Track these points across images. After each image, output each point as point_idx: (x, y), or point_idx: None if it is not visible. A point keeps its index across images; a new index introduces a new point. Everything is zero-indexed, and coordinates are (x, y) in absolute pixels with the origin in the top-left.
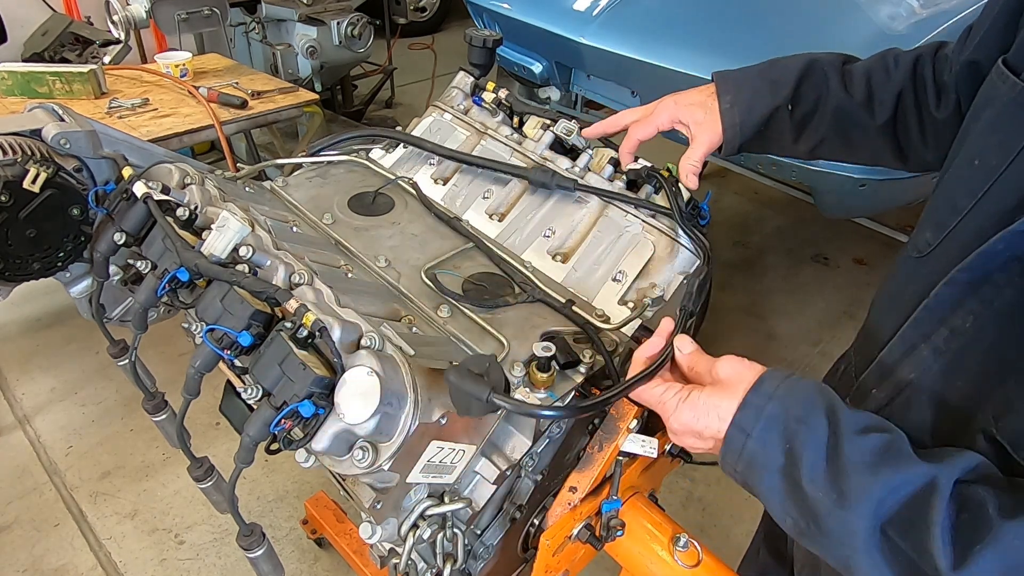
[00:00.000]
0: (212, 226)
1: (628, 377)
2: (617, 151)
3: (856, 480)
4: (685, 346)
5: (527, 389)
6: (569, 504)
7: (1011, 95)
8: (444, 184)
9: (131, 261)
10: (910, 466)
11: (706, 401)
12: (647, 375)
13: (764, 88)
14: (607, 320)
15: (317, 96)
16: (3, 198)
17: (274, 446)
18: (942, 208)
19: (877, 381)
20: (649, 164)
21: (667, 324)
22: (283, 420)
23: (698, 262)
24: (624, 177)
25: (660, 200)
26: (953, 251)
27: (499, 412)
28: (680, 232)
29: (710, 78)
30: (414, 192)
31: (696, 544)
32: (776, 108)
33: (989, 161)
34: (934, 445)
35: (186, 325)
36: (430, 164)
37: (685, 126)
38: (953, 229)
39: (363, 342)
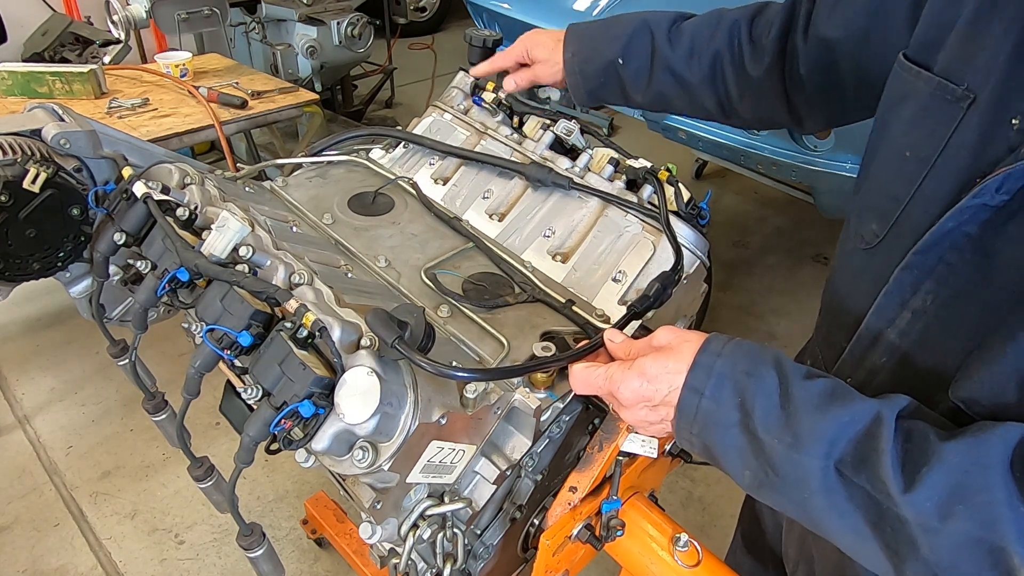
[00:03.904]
0: (212, 226)
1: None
2: (616, 151)
3: (808, 421)
4: (616, 336)
5: (527, 389)
6: (569, 504)
7: (929, 89)
8: (444, 184)
9: (131, 261)
10: (855, 403)
11: (652, 364)
12: (573, 355)
13: (601, 43)
14: (607, 320)
15: (317, 96)
16: (3, 198)
17: (274, 446)
18: (881, 199)
19: (851, 370)
20: (649, 164)
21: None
22: (283, 420)
23: (697, 263)
24: (624, 177)
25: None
26: (902, 238)
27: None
28: (665, 235)
29: None
30: (414, 192)
31: (696, 544)
32: (610, 62)
33: (921, 152)
34: None
35: (186, 325)
36: (430, 164)
37: (532, 61)
38: (898, 218)
39: (363, 342)
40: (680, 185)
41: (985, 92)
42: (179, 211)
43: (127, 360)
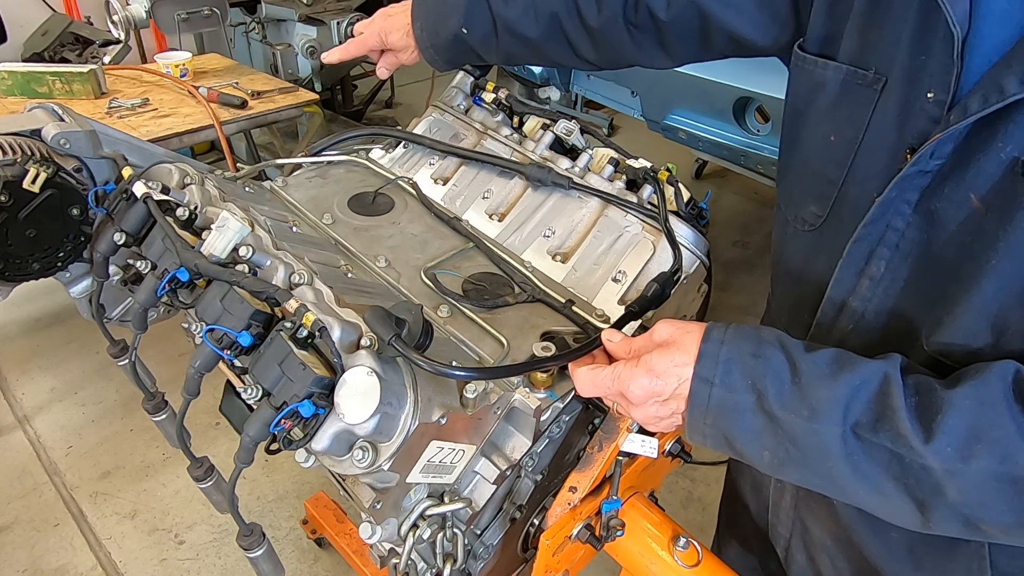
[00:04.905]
0: (212, 226)
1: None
2: (616, 151)
3: (821, 391)
4: (614, 336)
5: (527, 389)
6: (569, 504)
7: (840, 77)
8: (444, 184)
9: (131, 261)
10: (862, 366)
11: (659, 360)
12: (571, 354)
13: (443, 14)
14: (607, 320)
15: (317, 96)
16: (3, 198)
17: (274, 446)
18: (816, 183)
19: (822, 341)
20: (649, 164)
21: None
22: (283, 420)
23: (697, 263)
24: (624, 177)
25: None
26: (845, 214)
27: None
28: (664, 235)
29: (706, 76)
30: (414, 192)
31: (696, 544)
32: (455, 34)
33: (846, 134)
34: None
35: (186, 325)
36: (430, 164)
37: (390, 48)
38: (837, 197)
39: (363, 342)
40: (680, 185)
41: (894, 73)
42: (179, 211)
43: (127, 360)
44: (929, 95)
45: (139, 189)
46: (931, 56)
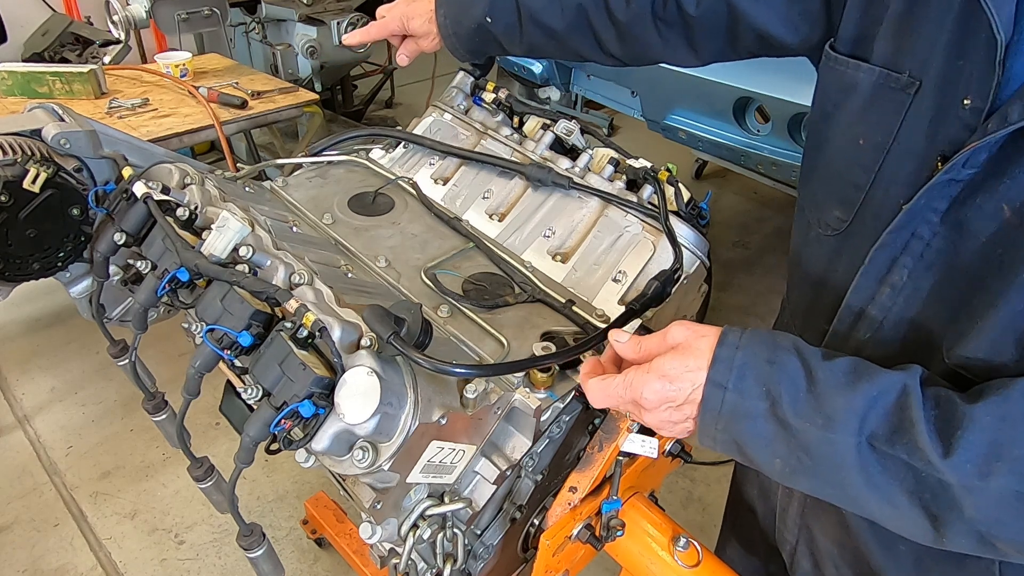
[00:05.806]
0: (212, 226)
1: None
2: (616, 151)
3: (838, 400)
4: (621, 336)
5: (527, 389)
6: (569, 504)
7: (872, 79)
8: (444, 184)
9: (131, 261)
10: (880, 376)
11: (672, 364)
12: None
13: (468, 2)
14: (607, 320)
15: (317, 96)
16: (3, 198)
17: (274, 446)
18: (841, 187)
19: (837, 349)
20: (649, 164)
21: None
22: (283, 420)
23: (697, 263)
24: (624, 177)
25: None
26: (869, 220)
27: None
28: (665, 235)
29: (706, 76)
30: (414, 192)
31: (696, 544)
32: (479, 23)
33: (875, 139)
34: None
35: (186, 325)
36: (430, 164)
37: (411, 34)
38: (863, 202)
39: (363, 342)
40: (680, 185)
41: (929, 77)
42: (179, 211)
43: (127, 360)
44: (966, 102)
45: (139, 189)
46: (970, 61)
